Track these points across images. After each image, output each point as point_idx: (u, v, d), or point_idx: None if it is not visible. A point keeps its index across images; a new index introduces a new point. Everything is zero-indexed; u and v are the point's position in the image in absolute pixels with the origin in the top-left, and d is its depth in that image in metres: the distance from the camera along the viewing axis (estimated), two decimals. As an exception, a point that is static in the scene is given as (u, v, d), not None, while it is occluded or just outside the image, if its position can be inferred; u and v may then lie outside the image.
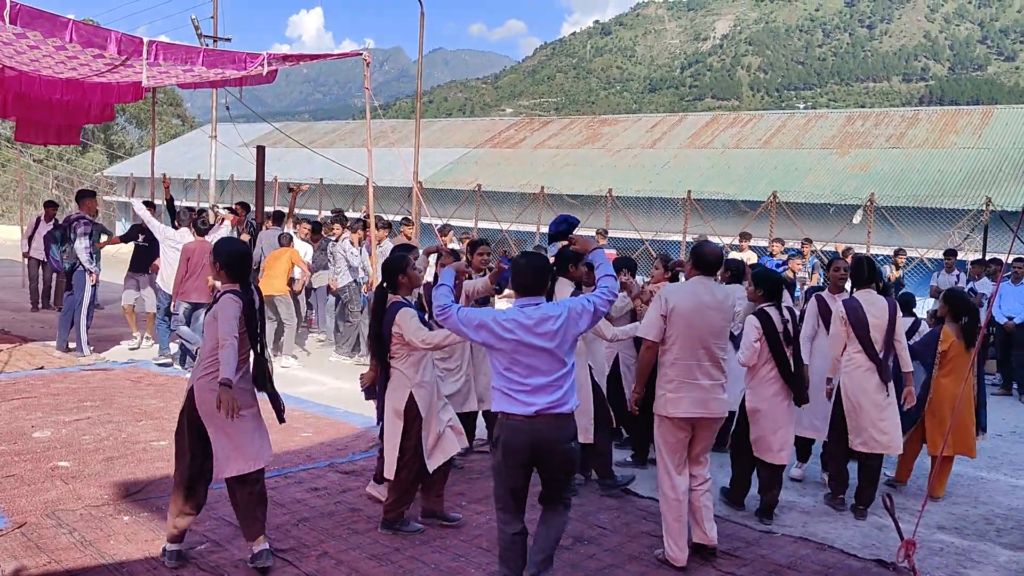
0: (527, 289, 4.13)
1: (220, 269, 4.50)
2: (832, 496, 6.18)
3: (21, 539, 4.69)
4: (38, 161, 41.02)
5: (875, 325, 5.97)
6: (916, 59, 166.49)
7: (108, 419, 7.28)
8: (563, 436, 4.08)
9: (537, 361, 4.03)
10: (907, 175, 21.97)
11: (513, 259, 4.44)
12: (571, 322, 4.07)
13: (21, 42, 8.28)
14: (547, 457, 4.11)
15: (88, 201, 10.30)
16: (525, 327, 4.02)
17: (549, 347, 4.02)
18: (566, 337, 4.05)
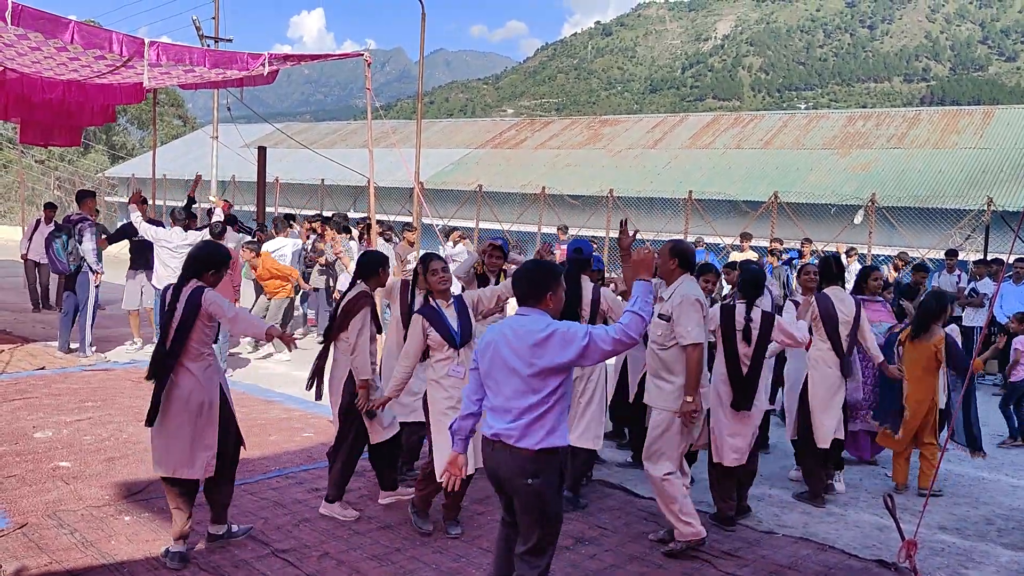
0: (520, 299, 3.76)
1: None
2: (812, 495, 6.20)
3: (23, 539, 4.69)
4: (40, 162, 41.04)
5: (843, 322, 6.22)
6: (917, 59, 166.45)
7: (109, 419, 7.28)
8: (514, 472, 3.59)
9: (503, 380, 3.62)
10: (908, 175, 21.94)
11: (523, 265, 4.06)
12: (550, 348, 3.50)
13: (23, 43, 8.28)
14: (508, 488, 3.69)
15: (89, 201, 10.32)
16: (505, 339, 3.64)
17: (517, 368, 3.56)
18: (538, 363, 3.52)
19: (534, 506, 3.60)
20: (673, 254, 5.16)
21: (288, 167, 31.55)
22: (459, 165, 30.70)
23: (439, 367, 5.01)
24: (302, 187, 29.79)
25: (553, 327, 3.55)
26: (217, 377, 4.65)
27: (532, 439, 3.54)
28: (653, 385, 5.19)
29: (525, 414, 3.55)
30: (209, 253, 4.72)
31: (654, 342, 5.18)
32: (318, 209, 27.51)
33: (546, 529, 3.65)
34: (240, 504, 5.42)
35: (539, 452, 3.55)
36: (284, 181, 29.15)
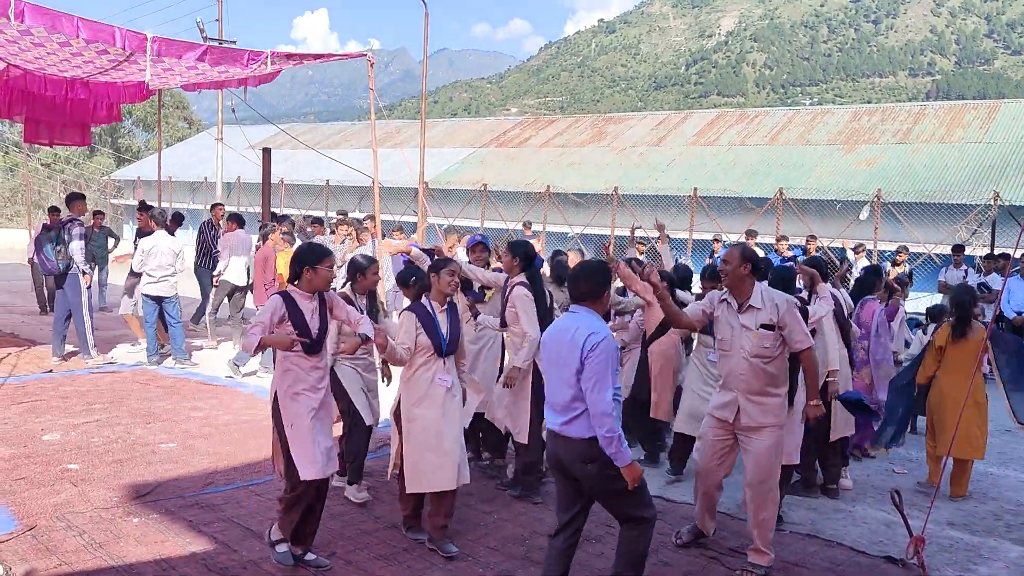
0: (576, 297, 4.09)
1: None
2: (805, 484, 6.25)
3: (32, 542, 4.71)
4: (46, 165, 41.17)
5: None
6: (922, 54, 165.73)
7: (117, 421, 7.31)
8: (574, 458, 3.95)
9: (556, 375, 4.02)
10: (914, 170, 21.88)
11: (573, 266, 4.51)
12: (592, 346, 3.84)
13: (26, 39, 8.32)
14: (575, 473, 4.01)
15: (78, 204, 10.32)
16: (559, 336, 4.01)
17: (567, 363, 3.92)
18: (583, 359, 3.86)
19: (597, 488, 3.97)
20: (745, 259, 4.75)
21: (293, 168, 31.61)
22: (463, 164, 30.71)
23: (419, 371, 4.86)
24: (307, 188, 29.83)
25: (590, 327, 3.90)
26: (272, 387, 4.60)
27: (582, 428, 3.88)
28: (752, 405, 4.74)
29: (574, 406, 3.89)
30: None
31: (759, 356, 4.69)
32: (323, 210, 27.56)
33: (625, 501, 3.97)
34: (247, 505, 5.45)
35: (591, 440, 3.86)
36: (289, 182, 29.21)
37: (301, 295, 4.53)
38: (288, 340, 4.31)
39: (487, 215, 24.36)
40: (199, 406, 8.05)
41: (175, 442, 6.79)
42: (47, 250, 10.06)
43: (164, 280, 9.84)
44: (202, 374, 9.67)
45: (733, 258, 4.75)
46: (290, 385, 4.46)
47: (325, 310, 4.60)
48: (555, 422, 4.02)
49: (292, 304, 4.47)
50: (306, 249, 4.66)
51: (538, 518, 5.51)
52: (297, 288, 4.56)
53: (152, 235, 10.00)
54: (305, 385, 4.47)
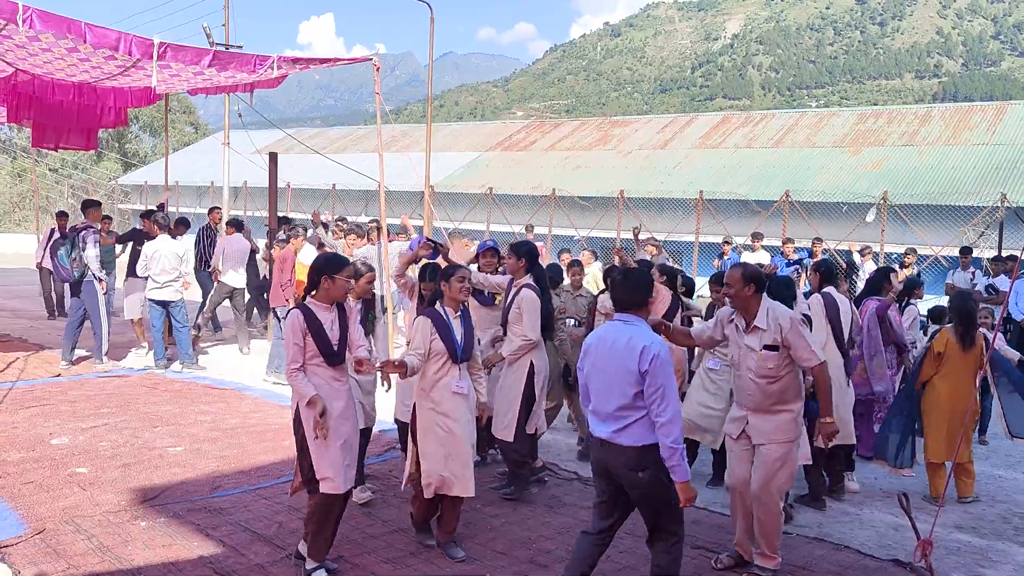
0: (621, 305, 4.12)
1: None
2: (812, 498, 6.10)
3: (40, 545, 4.73)
4: (53, 170, 41.35)
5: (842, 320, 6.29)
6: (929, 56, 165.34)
7: (124, 425, 7.33)
8: (624, 467, 3.96)
9: (605, 383, 4.01)
10: (921, 173, 21.83)
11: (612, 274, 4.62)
12: (642, 355, 3.87)
13: (34, 44, 8.37)
14: (622, 481, 4.03)
15: (94, 211, 10.43)
16: (606, 344, 4.03)
17: (618, 372, 3.94)
18: (634, 368, 3.89)
19: (648, 494, 3.98)
20: (747, 280, 4.70)
21: (299, 172, 31.65)
22: (469, 168, 30.74)
23: (434, 377, 4.83)
24: (313, 192, 29.90)
25: (644, 337, 3.95)
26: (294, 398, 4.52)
27: (634, 437, 3.90)
28: (761, 421, 4.73)
29: (627, 414, 3.91)
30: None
31: (764, 376, 4.67)
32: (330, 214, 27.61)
33: (665, 513, 4.01)
34: (254, 509, 5.46)
35: (643, 448, 3.90)
36: (295, 186, 29.27)
37: (319, 306, 4.48)
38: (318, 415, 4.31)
39: (493, 219, 24.39)
40: (206, 410, 8.07)
41: (182, 446, 6.81)
42: (61, 258, 10.14)
43: (168, 285, 9.87)
44: (209, 378, 9.70)
45: (736, 281, 4.72)
46: (324, 395, 4.40)
47: (345, 319, 4.56)
48: (603, 430, 4.00)
49: (311, 317, 4.43)
50: (325, 259, 4.63)
51: (544, 521, 5.52)
52: (314, 298, 4.51)
53: (155, 240, 10.05)
54: (325, 396, 4.40)
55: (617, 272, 4.35)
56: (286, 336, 4.43)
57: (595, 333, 4.24)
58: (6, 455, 6.33)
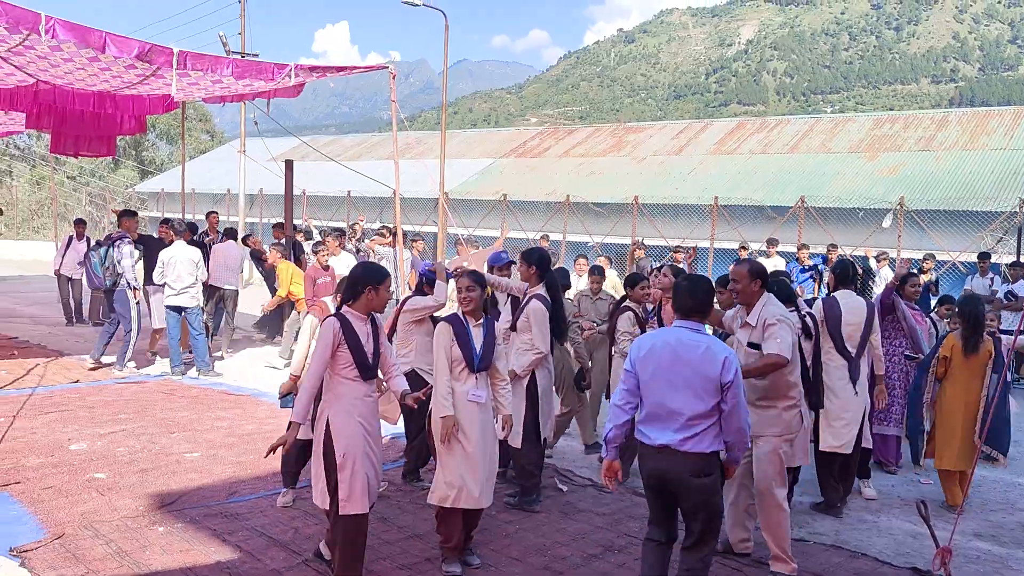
0: (684, 311, 4.10)
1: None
2: (827, 506, 6.05)
3: (59, 550, 4.77)
4: (71, 178, 41.75)
5: (851, 323, 6.08)
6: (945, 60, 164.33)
7: (142, 431, 7.38)
8: (685, 473, 3.95)
9: (671, 389, 3.98)
10: (938, 178, 21.68)
11: (676, 280, 4.56)
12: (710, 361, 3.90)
13: (56, 55, 8.48)
14: (676, 489, 4.03)
15: (128, 221, 10.56)
16: (672, 349, 4.00)
17: (687, 377, 3.94)
18: (706, 374, 3.91)
19: (702, 502, 3.98)
20: (754, 276, 4.88)
21: (314, 180, 31.78)
22: (483, 175, 30.79)
23: (453, 386, 4.75)
24: (328, 199, 30.02)
25: (721, 347, 3.98)
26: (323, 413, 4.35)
27: (703, 444, 3.92)
28: (752, 414, 4.67)
29: (699, 423, 3.91)
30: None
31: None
32: (345, 221, 27.72)
33: (708, 523, 4.03)
34: (271, 514, 5.48)
35: (709, 455, 3.95)
36: (311, 194, 29.40)
37: (356, 316, 4.32)
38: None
39: (507, 225, 24.40)
40: (223, 416, 8.11)
41: (199, 452, 6.85)
42: (95, 265, 10.27)
43: (184, 291, 9.94)
44: (226, 384, 9.75)
45: (742, 276, 4.89)
46: (344, 412, 4.25)
47: (378, 332, 4.42)
48: (668, 438, 3.95)
49: (348, 327, 4.27)
50: (368, 268, 4.46)
51: (559, 528, 5.51)
52: (352, 309, 4.35)
53: (171, 246, 10.13)
54: (358, 412, 4.27)
55: (682, 279, 4.29)
56: (318, 349, 4.24)
57: (651, 338, 4.14)
58: (25, 460, 6.39)
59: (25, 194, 40.27)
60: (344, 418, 4.24)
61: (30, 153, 45.24)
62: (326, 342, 4.20)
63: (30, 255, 28.40)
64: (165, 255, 9.98)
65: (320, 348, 4.22)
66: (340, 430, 4.23)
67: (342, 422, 4.24)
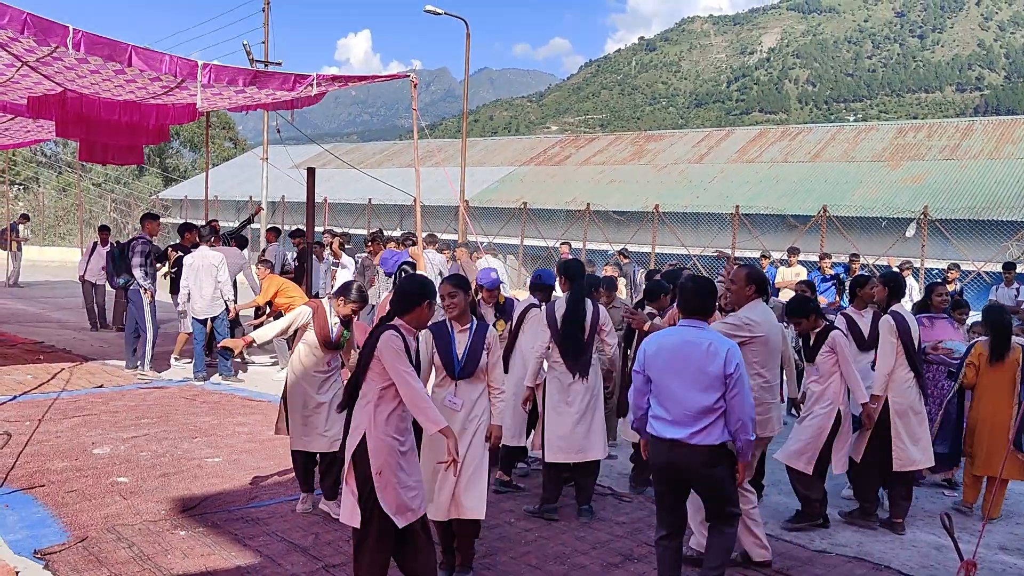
0: (689, 311, 4.31)
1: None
2: (863, 514, 5.98)
3: (83, 553, 4.82)
4: (97, 185, 42.27)
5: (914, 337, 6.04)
6: (970, 68, 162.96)
7: (165, 436, 7.44)
8: (696, 465, 4.16)
9: (680, 385, 4.17)
10: (962, 187, 21.50)
11: (680, 282, 4.75)
12: (714, 358, 4.10)
13: (83, 67, 8.60)
14: (690, 479, 4.25)
15: (149, 224, 10.71)
16: (679, 347, 4.19)
17: (694, 374, 4.12)
18: (711, 371, 4.10)
19: (716, 489, 4.23)
20: (750, 281, 5.10)
21: (336, 187, 32.04)
22: (504, 182, 30.86)
23: (435, 392, 4.65)
24: (350, 207, 30.22)
25: (723, 342, 4.17)
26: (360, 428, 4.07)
27: (711, 437, 4.11)
28: None
29: (707, 417, 4.10)
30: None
31: None
32: (366, 228, 27.87)
33: (731, 500, 4.28)
34: (292, 520, 5.51)
35: (719, 446, 4.14)
36: (332, 201, 29.60)
37: (408, 330, 4.07)
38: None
39: (527, 233, 24.44)
40: (244, 421, 8.17)
41: (221, 456, 6.89)
42: (110, 267, 10.41)
43: (209, 302, 10.04)
44: (247, 390, 9.82)
45: (739, 279, 5.12)
46: (392, 427, 4.00)
47: (418, 347, 4.32)
48: (678, 432, 4.14)
49: (406, 343, 3.99)
50: (423, 282, 4.23)
51: (579, 536, 5.49)
52: (404, 323, 4.09)
53: (194, 252, 10.23)
54: (402, 426, 4.06)
55: (687, 280, 4.45)
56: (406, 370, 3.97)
57: (659, 338, 4.32)
58: (50, 464, 6.46)
59: (52, 200, 40.82)
60: (385, 434, 3.99)
61: (57, 160, 45.87)
62: (402, 359, 3.93)
63: (56, 260, 28.78)
64: (189, 259, 10.09)
65: (401, 361, 3.94)
66: (379, 446, 3.99)
67: (382, 438, 3.99)
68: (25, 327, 13.72)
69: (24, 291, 19.36)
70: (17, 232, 20.05)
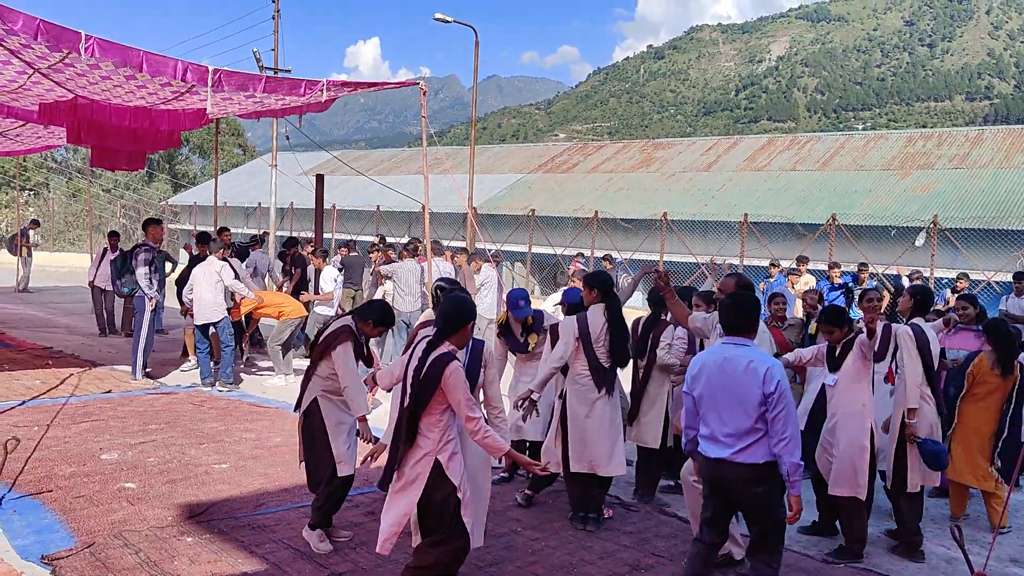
0: (731, 328, 4.29)
1: None
2: (907, 548, 5.60)
3: (89, 559, 4.82)
4: (106, 191, 42.48)
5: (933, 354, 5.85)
6: (980, 77, 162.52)
7: (172, 442, 7.45)
8: (743, 483, 4.16)
9: (726, 404, 4.17)
10: (972, 196, 21.42)
11: (721, 299, 4.78)
12: (761, 377, 4.08)
13: (94, 72, 8.64)
14: (738, 498, 4.25)
15: (153, 229, 10.69)
16: (722, 366, 4.19)
17: (740, 394, 4.12)
18: (756, 391, 4.08)
19: (760, 510, 4.18)
20: (740, 288, 5.23)
21: (344, 194, 32.10)
22: (512, 190, 30.88)
23: None
24: (358, 213, 30.28)
25: (765, 359, 4.17)
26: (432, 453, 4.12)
27: (755, 456, 4.09)
28: None
29: (750, 436, 4.09)
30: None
31: None
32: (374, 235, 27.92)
33: (773, 529, 4.20)
34: (299, 527, 5.49)
35: (764, 465, 4.11)
36: (341, 208, 29.68)
37: (455, 351, 4.18)
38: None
39: (535, 240, 24.44)
40: (251, 427, 8.17)
41: (228, 463, 6.89)
42: (113, 273, 10.41)
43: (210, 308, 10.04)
44: (254, 396, 9.82)
45: (728, 288, 5.21)
46: (458, 449, 4.15)
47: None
48: (722, 451, 4.16)
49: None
50: (468, 303, 4.32)
51: (586, 546, 5.47)
52: (452, 343, 4.16)
53: (203, 262, 10.25)
54: (461, 446, 4.21)
55: (727, 297, 4.47)
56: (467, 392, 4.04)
57: (702, 357, 4.35)
58: (58, 469, 6.47)
59: (61, 206, 41.02)
60: (456, 455, 4.13)
61: (67, 166, 46.11)
62: (463, 382, 4.02)
63: (65, 266, 28.89)
64: (197, 271, 10.16)
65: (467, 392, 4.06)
66: (454, 468, 4.10)
67: (456, 460, 4.13)
68: (34, 332, 13.77)
69: (33, 296, 19.43)
70: (27, 238, 20.13)
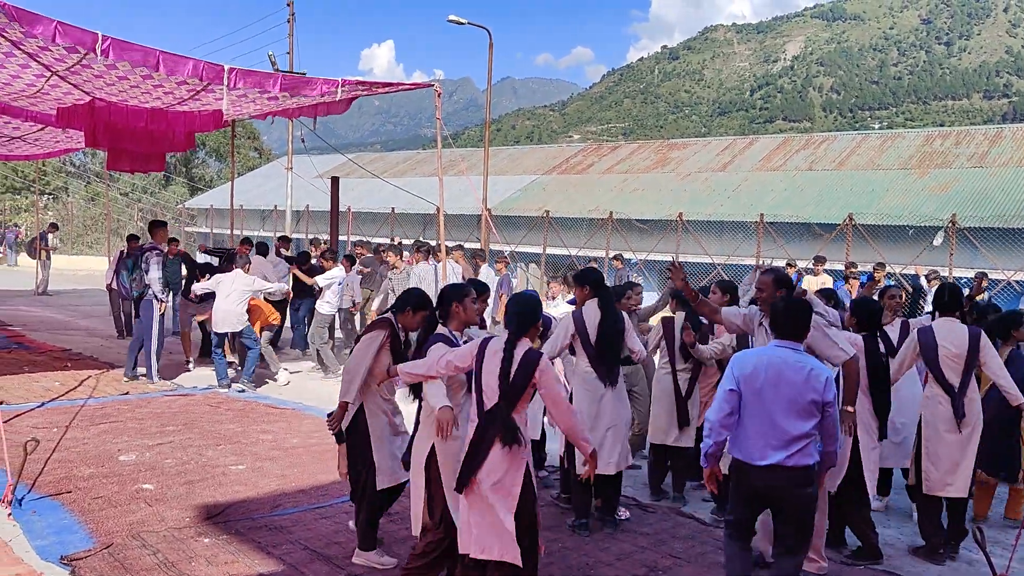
0: (783, 333, 4.35)
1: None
2: (928, 550, 5.55)
3: (108, 559, 4.84)
4: (124, 194, 42.79)
5: (951, 355, 5.59)
6: (998, 75, 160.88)
7: (190, 443, 7.48)
8: (791, 485, 4.22)
9: (779, 407, 4.22)
10: (991, 195, 21.19)
11: (773, 301, 4.82)
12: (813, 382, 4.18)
13: (111, 73, 8.70)
14: (782, 500, 4.30)
15: (160, 231, 10.74)
16: (776, 369, 4.23)
17: (793, 397, 4.18)
18: (808, 395, 4.17)
19: (802, 512, 4.26)
20: (779, 285, 5.14)
21: (360, 196, 32.18)
22: (526, 191, 30.86)
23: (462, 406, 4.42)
24: (373, 215, 30.35)
25: (822, 368, 4.29)
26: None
27: (805, 459, 4.18)
28: None
29: (802, 440, 4.17)
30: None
31: None
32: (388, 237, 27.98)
33: (802, 532, 4.32)
34: (315, 528, 5.51)
35: (809, 467, 4.22)
36: (356, 210, 29.75)
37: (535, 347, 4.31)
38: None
39: (549, 241, 24.41)
40: (268, 429, 8.20)
41: (245, 464, 6.92)
42: (123, 276, 10.44)
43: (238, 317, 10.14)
44: (271, 397, 9.86)
45: (767, 285, 5.14)
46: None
47: None
48: (774, 456, 4.18)
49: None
50: (535, 300, 4.41)
51: (604, 548, 5.45)
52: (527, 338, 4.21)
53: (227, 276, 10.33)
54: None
55: (780, 301, 4.52)
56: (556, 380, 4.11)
57: (754, 359, 4.31)
58: (77, 470, 6.51)
59: (80, 210, 41.35)
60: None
61: (85, 170, 46.49)
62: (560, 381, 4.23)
63: (84, 269, 29.12)
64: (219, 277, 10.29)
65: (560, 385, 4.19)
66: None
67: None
68: (53, 335, 13.88)
69: (52, 299, 19.61)
70: (46, 241, 20.32)
